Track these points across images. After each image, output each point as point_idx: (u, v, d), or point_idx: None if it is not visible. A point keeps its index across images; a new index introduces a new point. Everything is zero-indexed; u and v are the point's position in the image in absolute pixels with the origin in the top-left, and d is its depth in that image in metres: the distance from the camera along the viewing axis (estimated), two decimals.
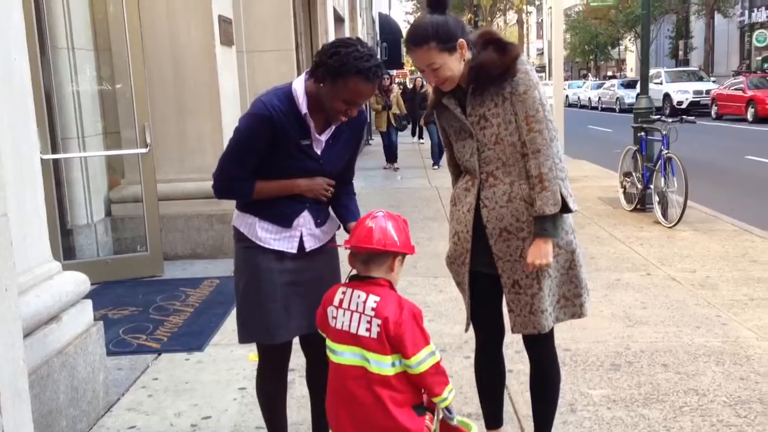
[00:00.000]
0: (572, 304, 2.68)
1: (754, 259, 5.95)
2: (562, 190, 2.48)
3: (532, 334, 2.65)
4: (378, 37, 27.29)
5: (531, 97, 2.47)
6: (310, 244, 2.51)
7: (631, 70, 48.39)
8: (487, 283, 2.67)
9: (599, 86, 36.85)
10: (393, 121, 13.58)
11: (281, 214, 2.47)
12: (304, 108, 2.36)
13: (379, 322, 2.08)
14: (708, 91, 25.20)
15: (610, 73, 52.05)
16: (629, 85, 30.83)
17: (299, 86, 2.38)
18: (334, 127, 2.46)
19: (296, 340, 2.65)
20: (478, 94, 2.51)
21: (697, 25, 37.65)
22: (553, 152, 2.47)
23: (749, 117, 21.45)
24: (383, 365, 2.09)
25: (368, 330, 2.09)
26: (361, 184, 11.68)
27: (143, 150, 5.76)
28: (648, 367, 3.82)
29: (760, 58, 32.48)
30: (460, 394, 3.54)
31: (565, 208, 2.50)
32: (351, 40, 2.32)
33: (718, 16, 34.32)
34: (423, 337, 2.10)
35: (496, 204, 2.54)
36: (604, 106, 33.77)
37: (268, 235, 2.47)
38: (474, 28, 33.07)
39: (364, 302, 2.12)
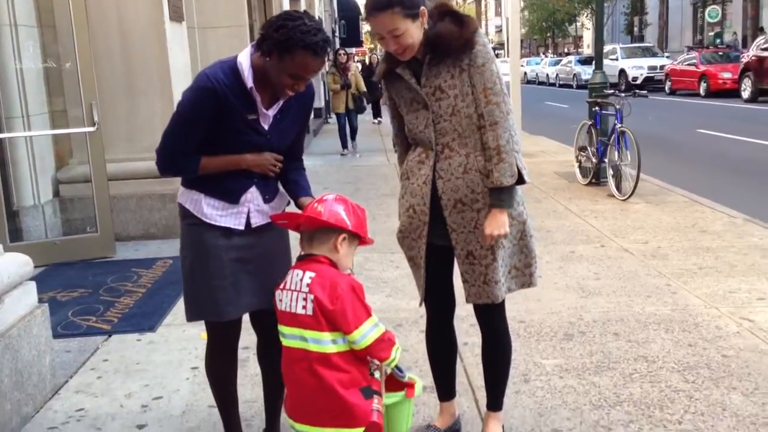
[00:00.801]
0: (522, 273, 2.71)
1: (704, 229, 6.07)
2: (518, 161, 2.51)
3: (484, 305, 2.66)
4: (336, 15, 27.01)
5: (489, 69, 2.48)
6: (256, 220, 2.46)
7: (588, 46, 48.80)
8: (439, 255, 2.67)
9: (557, 63, 37.13)
10: (351, 103, 12.37)
11: (228, 190, 2.41)
12: (249, 82, 2.30)
13: (313, 297, 2.05)
14: (662, 67, 25.60)
15: (567, 50, 52.48)
16: (586, 61, 31.09)
17: (245, 60, 2.32)
18: (281, 102, 2.41)
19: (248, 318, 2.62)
20: (434, 65, 2.48)
21: (651, 2, 38.08)
22: (509, 125, 2.50)
23: (702, 92, 21.84)
24: (322, 342, 2.06)
25: (304, 307, 2.07)
26: (319, 162, 11.61)
27: (91, 129, 5.61)
28: (600, 337, 3.87)
29: (712, 33, 33.05)
30: (416, 368, 3.55)
31: (520, 180, 2.53)
32: (298, 13, 2.27)
33: None
34: (365, 310, 2.08)
35: (452, 175, 2.54)
36: (561, 82, 34.06)
37: (214, 212, 2.41)
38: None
39: (301, 279, 2.10)
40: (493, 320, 2.76)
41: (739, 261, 5.11)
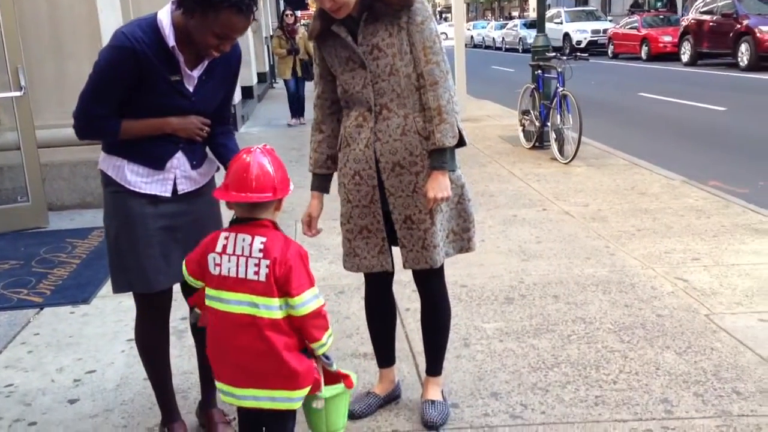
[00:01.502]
0: (461, 238, 2.68)
1: (642, 192, 6.18)
2: (458, 123, 2.46)
3: (423, 271, 2.64)
4: None
5: (428, 27, 2.43)
6: (183, 187, 2.38)
7: (534, 10, 48.96)
8: None
9: (503, 27, 37.16)
10: (299, 70, 11.31)
11: (152, 156, 2.31)
12: (171, 40, 2.19)
13: (268, 263, 2.00)
14: (605, 31, 25.83)
15: (511, 14, 52.55)
16: (531, 25, 31.13)
17: (165, 17, 2.20)
18: (206, 62, 2.30)
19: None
20: (371, 22, 2.41)
21: None
22: (449, 84, 2.47)
23: (643, 55, 22.15)
24: (272, 308, 2.02)
25: (256, 273, 2.01)
26: (263, 129, 11.42)
27: (17, 93, 5.36)
28: (540, 299, 3.91)
29: None
30: (357, 335, 3.54)
31: (461, 141, 2.50)
32: None
33: None
34: (308, 278, 2.04)
35: (390, 137, 2.49)
36: (507, 46, 34.15)
37: (138, 179, 2.31)
38: None
39: (251, 245, 2.03)
40: (432, 286, 2.74)
41: (675, 222, 5.23)
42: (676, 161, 7.56)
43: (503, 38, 35.07)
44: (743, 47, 16.69)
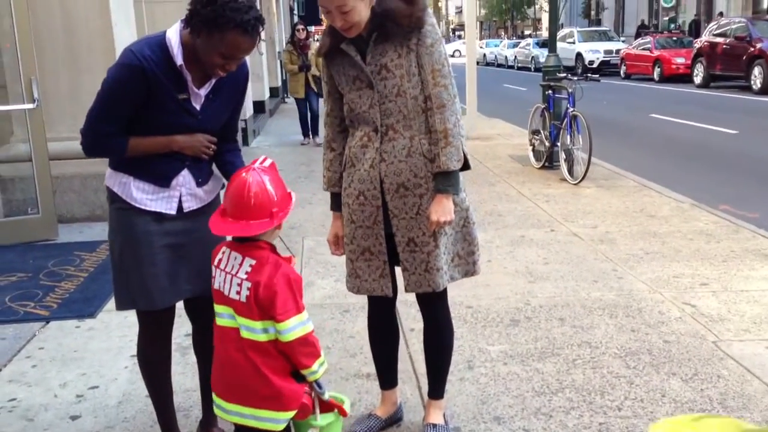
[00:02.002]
0: (466, 262, 2.67)
1: (652, 214, 6.15)
2: (464, 146, 2.47)
3: (426, 294, 2.62)
4: None
5: (438, 50, 2.43)
6: (189, 204, 2.38)
7: (546, 29, 49.13)
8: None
9: (515, 45, 37.24)
10: (313, 85, 10.63)
11: (158, 173, 2.32)
12: (179, 59, 2.21)
13: (249, 285, 2.01)
14: (618, 51, 25.84)
15: (524, 33, 52.71)
16: (544, 44, 31.25)
17: (174, 36, 2.22)
18: (213, 81, 2.32)
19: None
20: (380, 42, 2.41)
21: None
22: (456, 108, 2.47)
23: (656, 76, 22.13)
24: (254, 331, 2.02)
25: (238, 293, 2.02)
26: (275, 143, 11.46)
27: (30, 105, 5.41)
28: (545, 322, 3.89)
29: (667, 18, 33.50)
30: (361, 354, 3.52)
31: (465, 165, 2.50)
32: None
33: None
34: (295, 304, 2.02)
35: (395, 158, 2.48)
36: (520, 65, 34.19)
37: (144, 196, 2.32)
38: None
39: (240, 265, 2.04)
40: (435, 308, 2.72)
41: (684, 246, 5.19)
42: (686, 184, 7.52)
43: (516, 57, 35.13)
44: (756, 70, 16.64)
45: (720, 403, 2.98)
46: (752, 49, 16.79)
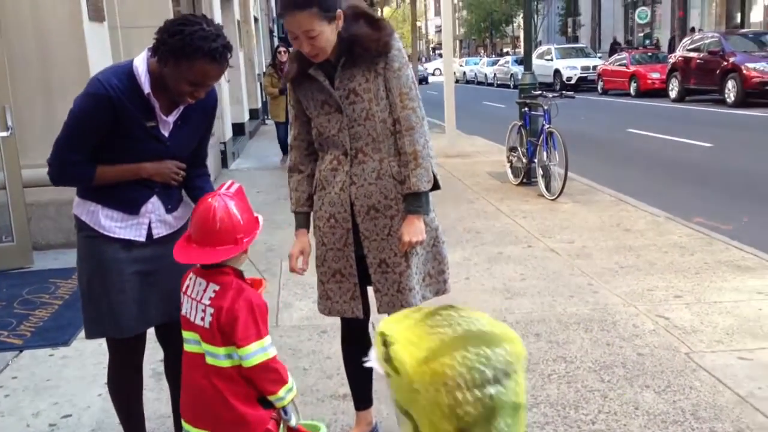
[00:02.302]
0: (437, 281, 2.69)
1: (627, 228, 6.21)
2: (432, 167, 2.50)
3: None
4: (274, 13, 26.73)
5: (405, 74, 2.47)
6: (159, 231, 2.39)
7: None
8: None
9: (495, 63, 37.60)
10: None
11: (127, 200, 2.33)
12: (146, 87, 2.22)
13: (212, 311, 2.02)
14: (595, 67, 26.17)
15: (506, 50, 53.26)
16: (521, 61, 31.62)
17: (141, 64, 2.24)
18: (182, 108, 2.33)
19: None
20: (348, 67, 2.44)
21: (584, 3, 38.96)
22: (425, 130, 2.51)
23: (632, 92, 22.42)
24: (217, 357, 2.03)
25: (202, 319, 2.04)
26: (254, 165, 11.46)
27: (4, 133, 5.39)
28: (522, 338, 3.87)
29: (642, 34, 33.99)
30: (337, 375, 3.52)
31: (436, 185, 2.53)
32: (196, 17, 2.19)
33: None
34: (256, 330, 2.02)
35: (365, 181, 2.50)
36: (499, 82, 34.50)
37: (112, 223, 2.32)
38: (370, 5, 32.30)
39: (204, 291, 2.05)
40: None
41: (659, 259, 5.24)
42: (662, 197, 7.61)
43: (495, 74, 35.45)
44: (730, 84, 16.91)
45: (692, 414, 3.00)
46: (725, 63, 17.07)
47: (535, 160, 7.98)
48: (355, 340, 2.81)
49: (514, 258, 5.46)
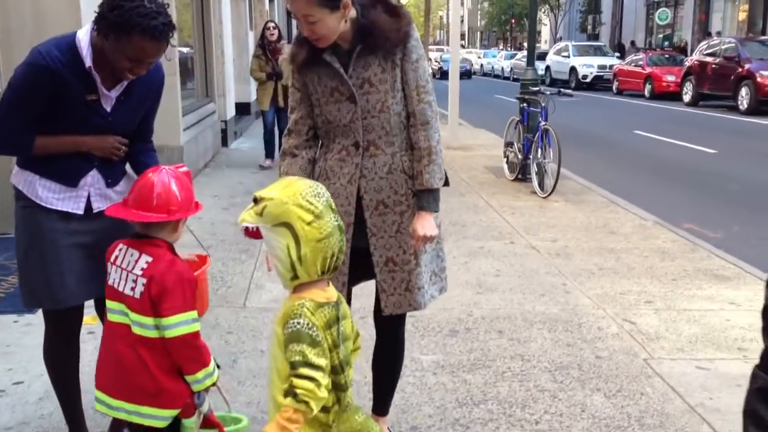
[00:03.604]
0: (440, 278, 2.64)
1: (613, 230, 6.17)
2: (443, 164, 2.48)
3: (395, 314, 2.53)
4: None
5: (422, 66, 2.41)
6: (98, 205, 2.39)
7: (546, 42, 49.30)
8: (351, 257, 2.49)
9: (512, 57, 37.34)
10: (280, 98, 8.82)
11: (65, 173, 2.33)
12: (88, 61, 2.22)
13: (144, 281, 2.03)
14: (611, 66, 25.93)
15: (525, 44, 52.89)
16: (540, 56, 31.36)
17: (84, 37, 2.23)
18: (125, 83, 2.33)
19: None
20: (364, 55, 2.35)
21: (606, 1, 38.58)
22: (438, 126, 2.46)
23: (646, 93, 22.20)
24: (146, 327, 2.04)
25: (132, 289, 2.05)
26: (255, 145, 11.46)
27: None
28: (484, 334, 3.90)
29: (662, 35, 33.64)
30: None
31: (446, 182, 2.49)
32: None
33: None
34: (183, 302, 2.03)
35: (376, 175, 2.43)
36: (515, 76, 34.25)
37: (50, 194, 2.33)
38: None
39: (136, 261, 2.07)
40: (395, 328, 2.66)
41: (639, 263, 5.21)
42: (656, 201, 7.55)
43: (511, 68, 35.22)
44: (743, 91, 16.73)
45: (637, 420, 2.99)
46: (740, 69, 16.88)
47: (530, 157, 7.94)
48: None
49: (494, 253, 5.44)
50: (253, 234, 1.90)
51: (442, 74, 31.33)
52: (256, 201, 1.84)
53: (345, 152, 2.44)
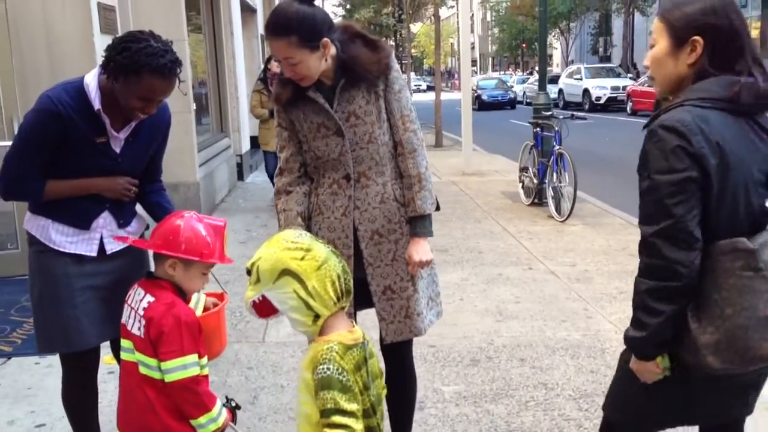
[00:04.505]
0: (436, 303, 2.64)
1: (633, 253, 6.02)
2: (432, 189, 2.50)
3: (397, 343, 2.51)
4: None
5: (405, 96, 2.46)
6: (111, 247, 2.40)
7: (557, 65, 49.46)
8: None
9: (524, 81, 37.44)
10: None
11: (78, 216, 2.35)
12: (97, 104, 2.25)
13: (144, 322, 2.03)
14: (624, 87, 25.90)
15: (533, 69, 53.08)
16: (552, 80, 31.42)
17: (92, 81, 2.27)
18: (134, 124, 2.35)
19: None
20: (347, 89, 2.39)
21: (616, 23, 38.71)
22: (425, 152, 2.49)
23: None
24: (150, 367, 2.03)
25: (138, 329, 2.05)
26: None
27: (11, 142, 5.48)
28: (505, 362, 3.84)
29: None
30: None
31: (437, 207, 2.52)
32: (143, 34, 2.22)
33: (637, 14, 35.36)
34: (180, 346, 1.99)
35: (369, 205, 2.45)
36: (528, 100, 34.32)
37: (63, 238, 2.34)
38: (398, 22, 32.24)
39: (140, 300, 2.07)
40: (403, 356, 2.63)
41: None
42: None
43: (524, 92, 35.28)
44: None
45: None
46: None
47: (546, 181, 7.90)
48: None
49: (513, 280, 5.39)
50: (265, 310, 1.86)
51: (481, 104, 30.27)
52: (249, 272, 1.85)
53: (336, 185, 2.46)
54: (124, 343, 2.11)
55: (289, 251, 1.80)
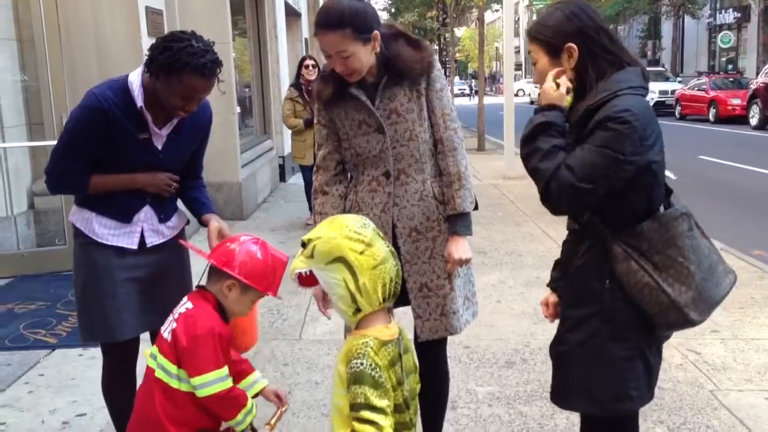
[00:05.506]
0: (472, 303, 2.64)
1: None
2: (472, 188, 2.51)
3: (433, 341, 2.52)
4: None
5: (446, 95, 2.47)
6: (152, 240, 2.46)
7: None
8: None
9: None
10: None
11: (120, 209, 2.42)
12: (140, 101, 2.31)
13: (175, 325, 2.01)
14: (673, 91, 25.40)
15: None
16: None
17: (135, 79, 2.33)
18: (175, 121, 2.41)
19: None
20: (390, 87, 2.41)
21: (666, 26, 37.99)
22: (465, 151, 2.51)
23: (711, 117, 21.63)
24: (169, 374, 2.01)
25: (169, 333, 2.03)
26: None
27: None
28: (541, 365, 3.81)
29: (725, 59, 32.83)
30: None
31: (475, 206, 2.52)
32: (185, 34, 2.27)
33: (687, 17, 34.65)
34: (214, 360, 1.98)
35: (407, 202, 2.47)
36: None
37: (106, 231, 2.41)
38: (442, 25, 32.06)
39: (181, 305, 2.06)
40: (437, 355, 2.63)
41: None
42: (723, 227, 7.30)
43: None
44: None
45: None
46: None
47: None
48: None
49: None
50: (307, 281, 1.86)
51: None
52: (304, 245, 1.83)
53: (375, 183, 2.48)
54: (153, 348, 2.11)
55: (350, 241, 1.78)
